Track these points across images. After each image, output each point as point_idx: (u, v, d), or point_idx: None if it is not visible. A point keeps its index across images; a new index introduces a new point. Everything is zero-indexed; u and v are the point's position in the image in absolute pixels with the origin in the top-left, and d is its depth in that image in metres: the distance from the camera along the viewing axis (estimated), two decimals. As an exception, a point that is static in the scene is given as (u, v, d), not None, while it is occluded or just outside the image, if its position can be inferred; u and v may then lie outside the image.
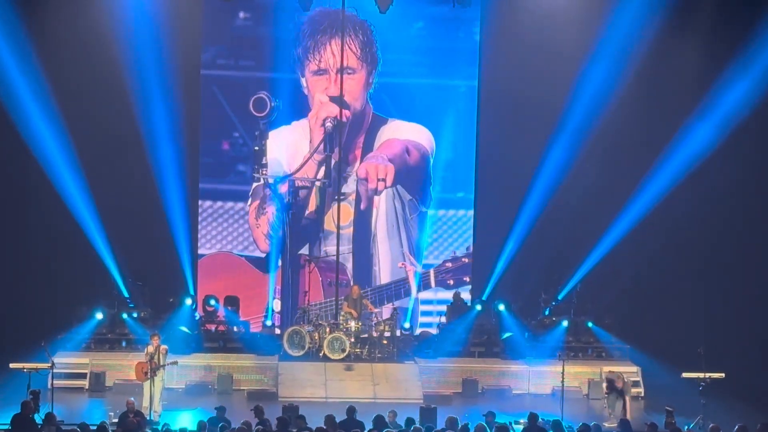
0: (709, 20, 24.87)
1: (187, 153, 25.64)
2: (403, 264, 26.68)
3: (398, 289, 26.65)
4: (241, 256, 26.56)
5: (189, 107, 25.57)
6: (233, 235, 26.58)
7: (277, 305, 26.12)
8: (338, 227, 25.92)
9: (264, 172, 25.99)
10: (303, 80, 26.32)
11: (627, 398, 20.41)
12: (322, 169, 26.29)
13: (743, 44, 23.85)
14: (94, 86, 24.53)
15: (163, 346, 20.28)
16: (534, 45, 25.27)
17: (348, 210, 26.62)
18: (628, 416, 19.48)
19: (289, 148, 26.40)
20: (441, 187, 26.69)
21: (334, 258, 25.95)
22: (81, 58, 24.47)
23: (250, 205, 26.53)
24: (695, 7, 25.01)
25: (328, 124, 25.98)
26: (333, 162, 26.12)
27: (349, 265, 26.62)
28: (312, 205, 26.56)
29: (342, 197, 26.32)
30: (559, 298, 25.45)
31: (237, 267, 26.52)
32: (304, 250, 26.48)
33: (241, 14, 26.26)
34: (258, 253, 26.52)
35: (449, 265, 26.69)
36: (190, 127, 25.68)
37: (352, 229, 26.68)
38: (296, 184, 26.28)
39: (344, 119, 26.03)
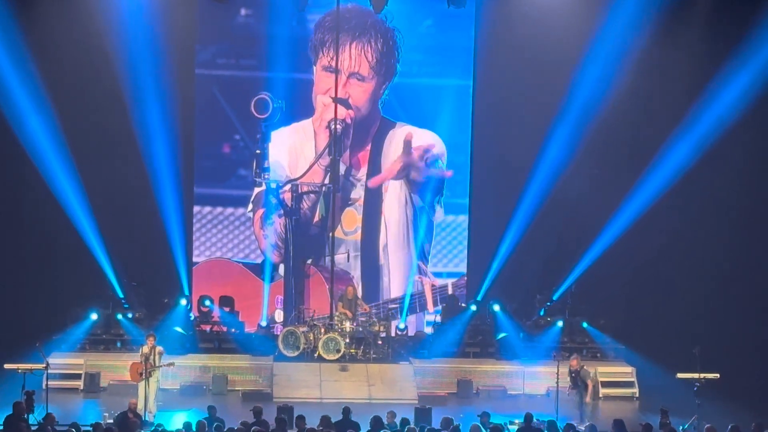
0: (705, 21, 24.85)
1: (183, 154, 25.51)
2: (420, 277, 26.25)
3: (412, 303, 26.05)
4: (239, 262, 26.26)
5: (185, 108, 25.45)
6: (234, 242, 26.23)
7: (279, 315, 25.74)
8: (333, 233, 25.74)
9: (266, 176, 25.63)
10: (314, 68, 25.87)
11: (590, 383, 20.46)
12: (327, 173, 25.72)
13: (738, 45, 23.85)
14: (89, 87, 24.46)
15: (159, 348, 20.26)
16: (529, 45, 25.22)
17: (354, 215, 26.27)
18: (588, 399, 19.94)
19: (290, 151, 26.03)
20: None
21: (340, 267, 25.74)
22: (76, 59, 24.36)
23: (254, 213, 26.14)
24: (690, 6, 25.01)
25: (337, 127, 25.46)
26: (343, 168, 25.78)
27: (356, 274, 26.04)
28: (317, 211, 26.07)
29: (349, 203, 26.09)
30: (554, 298, 25.47)
31: (234, 274, 26.14)
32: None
33: (243, 11, 25.85)
34: (259, 260, 26.12)
35: (455, 295, 26.26)
36: (186, 129, 25.53)
37: (358, 235, 26.22)
38: (300, 190, 25.85)
39: (348, 120, 25.73)
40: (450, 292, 26.33)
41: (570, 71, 24.89)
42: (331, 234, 25.63)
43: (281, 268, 26.08)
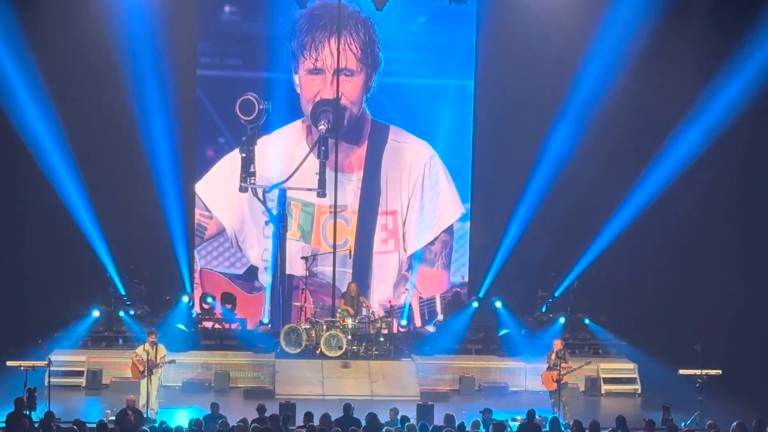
0: (708, 14, 24.81)
1: (184, 150, 25.39)
2: (406, 289, 25.78)
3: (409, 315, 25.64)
4: (223, 274, 25.70)
5: (185, 106, 25.26)
6: (218, 251, 25.84)
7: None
8: (335, 222, 25.70)
9: (252, 181, 25.06)
10: (296, 77, 25.31)
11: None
12: (314, 178, 25.03)
13: (742, 38, 23.78)
14: (90, 85, 24.39)
15: (161, 347, 20.20)
16: (530, 43, 25.11)
17: (343, 227, 25.59)
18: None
19: (279, 154, 25.33)
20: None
21: (326, 280, 25.45)
22: (78, 56, 24.30)
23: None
24: (691, 5, 24.99)
25: (321, 127, 24.97)
26: (331, 172, 25.01)
27: (343, 288, 25.05)
28: (298, 219, 25.56)
29: (339, 209, 25.36)
30: (556, 294, 25.46)
31: (222, 286, 25.66)
32: (293, 270, 25.48)
33: (227, 8, 25.12)
34: (241, 270, 25.61)
35: (458, 290, 26.00)
36: (186, 125, 25.31)
37: (346, 249, 25.36)
38: (287, 195, 25.32)
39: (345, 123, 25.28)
40: (438, 306, 25.91)
41: (574, 67, 24.77)
42: (320, 244, 25.36)
43: (263, 278, 25.65)
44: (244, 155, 25.08)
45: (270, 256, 25.52)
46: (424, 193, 26.01)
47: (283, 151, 25.54)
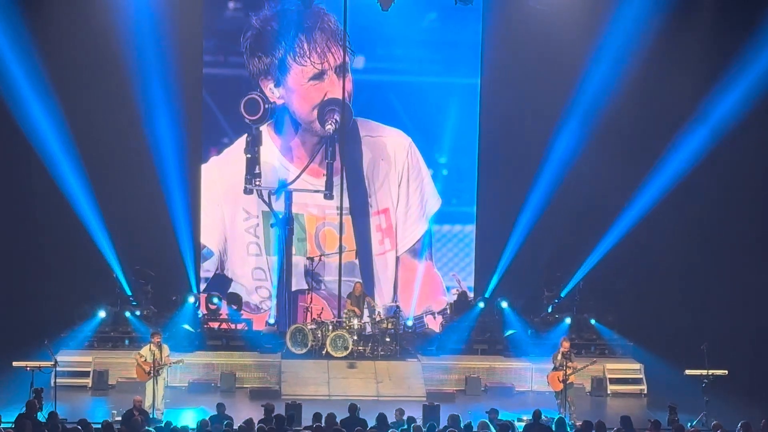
0: (714, 14, 24.78)
1: (189, 150, 25.41)
2: (457, 291, 25.62)
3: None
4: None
5: (190, 106, 25.20)
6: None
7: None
8: (341, 220, 25.71)
9: (258, 183, 25.03)
10: (277, 90, 24.88)
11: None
12: (319, 180, 24.89)
13: (748, 38, 23.74)
14: (96, 83, 24.41)
15: (166, 347, 20.20)
16: (536, 42, 25.08)
17: (334, 235, 25.30)
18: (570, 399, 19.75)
19: (281, 154, 25.18)
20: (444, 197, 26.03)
21: (327, 290, 25.46)
22: (83, 54, 24.31)
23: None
24: (697, 6, 24.94)
25: (329, 127, 24.86)
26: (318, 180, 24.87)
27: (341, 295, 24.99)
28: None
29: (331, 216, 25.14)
30: (562, 295, 25.42)
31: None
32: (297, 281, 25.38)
33: (231, 5, 24.85)
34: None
35: (464, 291, 25.87)
36: (191, 124, 25.25)
37: (337, 257, 25.05)
38: (292, 197, 25.18)
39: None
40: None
41: (579, 67, 24.73)
42: (315, 252, 25.30)
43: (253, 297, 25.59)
44: (249, 156, 25.00)
45: (273, 267, 25.48)
46: (410, 183, 25.83)
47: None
